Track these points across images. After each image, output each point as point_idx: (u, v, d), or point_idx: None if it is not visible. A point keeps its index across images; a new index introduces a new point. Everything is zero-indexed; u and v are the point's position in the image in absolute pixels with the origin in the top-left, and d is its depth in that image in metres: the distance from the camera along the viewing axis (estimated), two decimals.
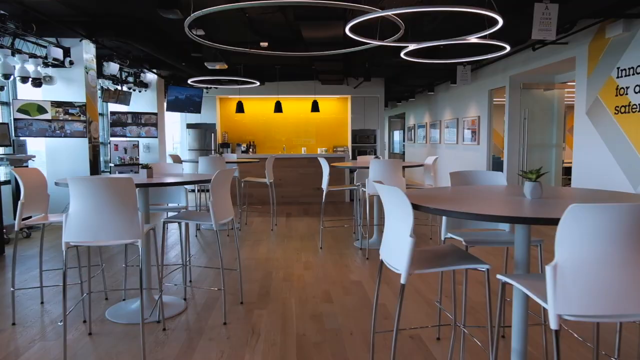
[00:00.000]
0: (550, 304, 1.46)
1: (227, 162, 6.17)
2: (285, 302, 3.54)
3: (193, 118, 11.31)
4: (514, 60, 7.59)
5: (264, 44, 6.02)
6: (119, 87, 8.14)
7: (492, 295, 3.63)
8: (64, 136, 6.46)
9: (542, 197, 2.06)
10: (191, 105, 10.20)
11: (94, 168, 6.76)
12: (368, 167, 4.90)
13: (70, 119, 6.45)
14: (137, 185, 2.71)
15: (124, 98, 8.51)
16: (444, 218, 2.53)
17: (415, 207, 1.91)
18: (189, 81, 7.43)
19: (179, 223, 3.67)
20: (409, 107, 14.99)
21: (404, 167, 4.99)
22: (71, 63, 6.40)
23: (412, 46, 4.98)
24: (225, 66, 7.89)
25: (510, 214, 1.66)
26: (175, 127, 12.02)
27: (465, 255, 2.12)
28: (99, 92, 8.00)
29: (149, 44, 6.51)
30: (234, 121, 11.89)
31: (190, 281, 4.08)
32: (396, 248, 1.99)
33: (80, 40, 6.44)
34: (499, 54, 5.31)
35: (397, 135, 19.08)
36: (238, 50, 5.54)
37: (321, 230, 5.62)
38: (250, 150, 11.66)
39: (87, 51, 6.58)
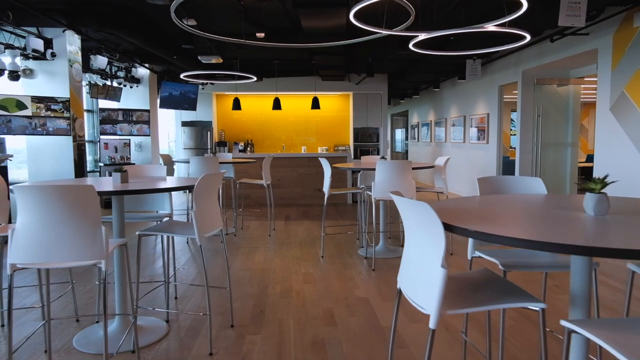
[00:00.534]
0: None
1: (220, 163, 5.72)
2: (282, 325, 3.09)
3: (188, 115, 10.85)
4: (527, 54, 7.13)
5: (260, 35, 5.57)
6: (107, 82, 7.68)
7: (533, 330, 3.19)
8: (46, 134, 6.00)
9: (608, 213, 1.61)
10: (186, 102, 9.75)
11: (80, 169, 6.31)
12: (374, 169, 4.45)
13: (52, 115, 6.00)
14: (101, 194, 2.26)
15: (114, 94, 8.05)
16: None
17: (448, 227, 1.46)
18: (182, 76, 6.99)
19: (159, 236, 3.22)
20: (412, 104, 14.53)
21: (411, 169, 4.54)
22: (53, 55, 5.94)
23: (422, 35, 4.52)
24: (220, 60, 7.43)
25: (587, 242, 1.20)
26: (171, 124, 11.57)
27: (507, 287, 1.66)
28: (86, 87, 7.55)
29: (136, 35, 6.05)
30: (231, 119, 11.44)
31: (176, 298, 3.64)
32: (422, 280, 1.54)
33: (64, 31, 5.98)
34: (517, 44, 4.85)
35: (399, 133, 18.62)
36: (231, 41, 5.08)
37: (322, 237, 5.18)
38: (248, 149, 11.20)
39: (71, 42, 6.12)
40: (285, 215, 7.59)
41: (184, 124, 10.95)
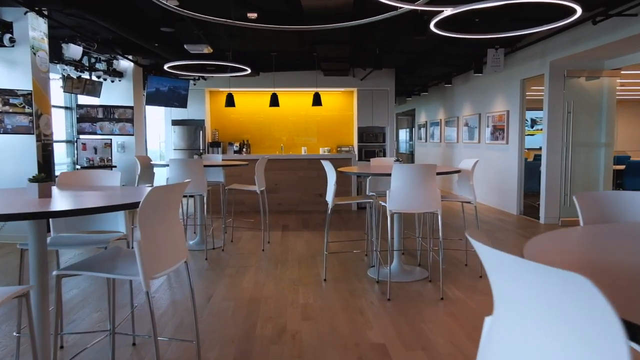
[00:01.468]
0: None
1: (206, 166, 4.88)
2: None
3: (179, 114, 10.02)
4: (556, 42, 6.29)
5: (252, 15, 4.74)
6: (82, 75, 6.85)
7: None
8: (3, 132, 5.18)
9: None
10: (176, 98, 8.92)
11: (46, 172, 5.47)
12: (389, 175, 3.61)
13: (11, 110, 5.17)
14: None
15: (92, 89, 7.23)
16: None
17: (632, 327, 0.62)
18: (166, 67, 6.17)
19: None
20: (419, 102, 13.69)
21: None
22: (12, 41, 5.11)
23: (448, 11, 3.68)
24: (211, 50, 6.60)
25: None
26: (161, 123, 10.73)
27: None
28: (60, 80, 6.73)
29: (110, 19, 5.22)
30: (225, 118, 10.61)
31: (134, 344, 2.80)
32: None
33: (25, 13, 5.16)
34: (561, 23, 4.01)
35: (402, 134, 17.78)
36: (218, 21, 4.25)
37: (325, 256, 4.34)
38: (244, 150, 10.37)
39: (34, 27, 5.30)
40: (283, 225, 6.75)
41: (174, 122, 10.13)
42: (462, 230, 6.11)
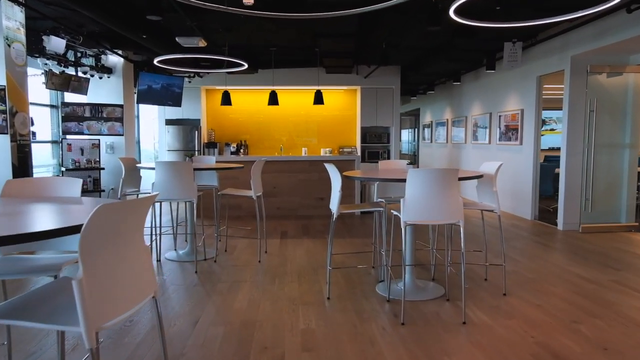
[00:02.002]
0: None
1: (196, 170, 4.41)
2: None
3: (173, 113, 9.56)
4: (579, 35, 5.82)
5: (249, 2, 4.27)
6: (66, 70, 6.38)
7: None
8: None
9: None
10: (169, 97, 8.45)
11: (22, 175, 5.00)
12: (402, 181, 3.14)
13: None
14: None
15: (78, 85, 6.76)
16: None
17: None
18: (156, 61, 5.70)
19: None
20: (424, 101, 13.21)
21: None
22: None
23: None
24: (204, 43, 6.13)
25: None
26: (156, 123, 10.26)
27: None
28: (42, 76, 6.26)
29: (92, 7, 4.75)
30: (222, 117, 10.14)
31: None
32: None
33: None
34: (593, 10, 3.54)
35: (405, 134, 17.29)
36: (209, 6, 3.78)
37: (329, 271, 3.85)
38: (241, 151, 9.89)
39: (9, 16, 4.82)
40: (282, 232, 6.27)
41: (168, 122, 9.66)
42: (479, 240, 5.63)
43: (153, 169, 4.26)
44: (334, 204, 3.56)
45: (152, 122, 10.44)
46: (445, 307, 3.40)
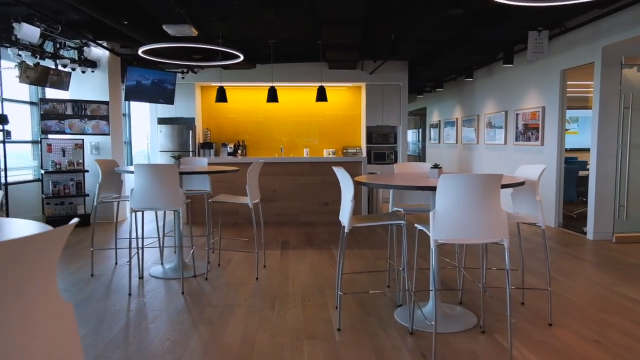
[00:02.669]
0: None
1: (183, 174, 3.79)
2: None
3: (166, 111, 8.95)
4: (612, 22, 5.22)
5: None
6: (41, 63, 5.77)
7: None
8: None
9: None
10: (161, 93, 7.85)
11: None
12: (432, 189, 2.53)
13: None
14: None
15: (58, 80, 6.15)
16: None
17: None
18: (140, 52, 5.10)
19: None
20: (432, 100, 12.61)
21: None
22: None
23: None
24: (196, 32, 5.52)
25: None
26: (148, 122, 9.64)
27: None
28: (16, 68, 5.65)
29: None
30: (218, 115, 9.53)
31: None
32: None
33: None
34: None
35: (410, 135, 16.70)
36: None
37: (339, 296, 3.24)
38: (239, 152, 9.28)
39: None
40: (282, 241, 5.66)
41: (161, 121, 9.05)
42: (516, 257, 5.01)
43: (132, 172, 3.65)
44: (345, 216, 2.95)
45: (145, 121, 9.84)
46: (482, 342, 2.79)
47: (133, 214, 3.71)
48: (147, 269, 4.36)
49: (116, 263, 4.58)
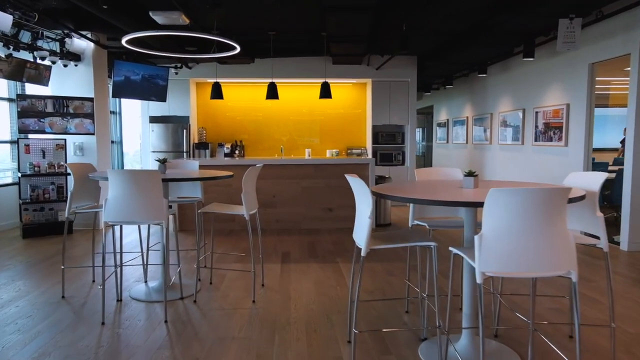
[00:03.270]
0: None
1: (166, 181, 3.23)
2: None
3: (159, 109, 8.40)
4: None
5: None
6: (14, 54, 5.21)
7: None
8: None
9: None
10: (152, 90, 7.29)
11: None
12: (477, 205, 1.97)
13: None
14: None
15: (36, 74, 5.59)
16: None
17: None
18: (124, 41, 4.54)
19: None
20: (439, 97, 12.05)
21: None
22: None
23: None
24: (187, 20, 4.96)
25: None
26: (140, 121, 9.09)
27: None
28: None
29: None
30: (214, 114, 8.97)
31: None
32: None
33: None
34: None
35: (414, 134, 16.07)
36: None
37: (354, 335, 2.67)
38: (237, 153, 8.73)
39: None
40: (283, 252, 5.10)
41: (153, 119, 8.50)
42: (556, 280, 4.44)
43: (107, 179, 3.09)
44: (362, 236, 2.39)
45: (137, 120, 9.28)
46: None
47: (109, 228, 3.15)
48: (128, 288, 3.80)
49: (93, 280, 4.02)
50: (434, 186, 2.67)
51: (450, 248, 2.29)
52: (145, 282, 3.96)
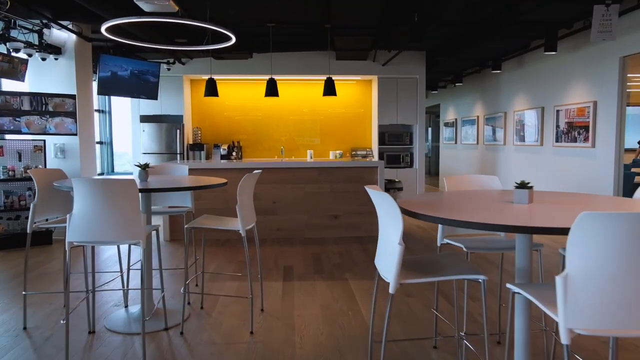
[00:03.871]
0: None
1: (144, 191, 2.68)
2: None
3: (150, 107, 7.86)
4: None
5: None
6: None
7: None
8: None
9: None
10: (142, 87, 6.75)
11: None
12: (563, 231, 1.43)
13: None
14: None
15: (10, 68, 5.04)
16: None
17: None
18: (103, 29, 4.00)
19: None
20: (446, 96, 11.52)
21: None
22: None
23: None
24: (175, 7, 4.42)
25: None
26: (130, 120, 8.53)
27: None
28: None
29: None
30: (210, 113, 8.42)
31: None
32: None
33: None
34: None
35: None
36: None
37: None
38: (234, 154, 8.18)
39: None
40: (285, 267, 4.56)
41: (144, 119, 7.95)
42: None
43: (70, 189, 2.54)
44: (390, 268, 1.84)
45: (129, 120, 8.73)
46: None
47: (72, 249, 2.60)
48: (105, 314, 3.26)
49: (64, 305, 3.48)
50: (477, 200, 2.13)
51: (509, 285, 1.75)
52: (126, 306, 3.42)
